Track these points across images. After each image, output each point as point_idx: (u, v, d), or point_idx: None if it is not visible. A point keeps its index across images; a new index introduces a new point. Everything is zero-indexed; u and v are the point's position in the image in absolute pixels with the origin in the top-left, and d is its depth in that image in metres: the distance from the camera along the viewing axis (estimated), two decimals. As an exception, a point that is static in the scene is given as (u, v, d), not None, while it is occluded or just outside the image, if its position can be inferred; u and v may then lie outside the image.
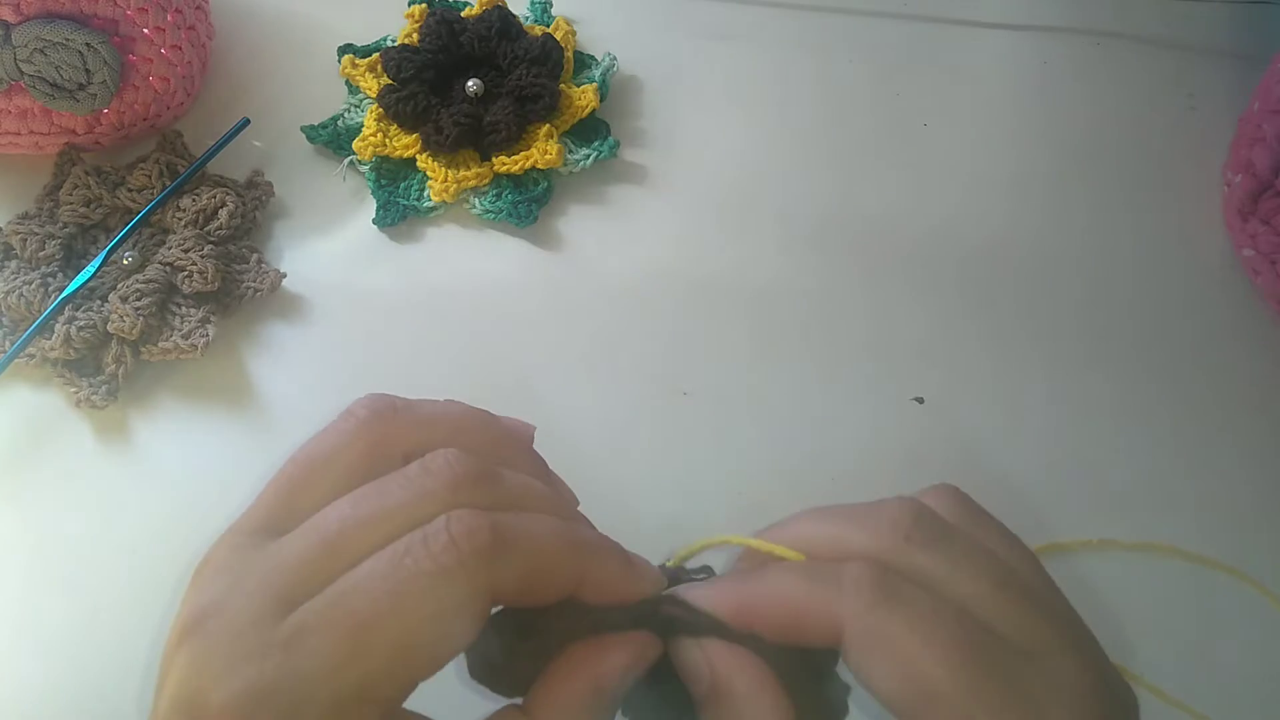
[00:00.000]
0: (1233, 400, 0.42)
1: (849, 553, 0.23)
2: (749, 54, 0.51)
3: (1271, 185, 0.43)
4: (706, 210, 0.46)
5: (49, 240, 0.42)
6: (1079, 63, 0.51)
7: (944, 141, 0.48)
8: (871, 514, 0.24)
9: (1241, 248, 0.44)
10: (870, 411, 0.41)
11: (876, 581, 0.22)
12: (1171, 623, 0.37)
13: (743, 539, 0.24)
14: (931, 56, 0.51)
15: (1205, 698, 0.35)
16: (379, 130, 0.46)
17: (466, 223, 0.46)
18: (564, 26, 0.49)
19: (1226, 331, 0.43)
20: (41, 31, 0.41)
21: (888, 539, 0.23)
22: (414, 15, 0.49)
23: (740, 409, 0.41)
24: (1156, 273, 0.45)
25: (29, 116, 0.44)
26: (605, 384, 0.42)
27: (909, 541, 0.23)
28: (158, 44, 0.45)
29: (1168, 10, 0.52)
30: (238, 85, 0.49)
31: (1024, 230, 0.46)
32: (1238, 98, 0.48)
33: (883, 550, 0.23)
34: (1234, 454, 0.40)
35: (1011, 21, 0.52)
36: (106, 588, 0.38)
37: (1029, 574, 0.24)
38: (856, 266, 0.45)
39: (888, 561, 0.22)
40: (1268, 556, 0.38)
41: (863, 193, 0.47)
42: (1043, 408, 0.42)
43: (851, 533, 0.23)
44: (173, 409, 0.41)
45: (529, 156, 0.45)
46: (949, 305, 0.44)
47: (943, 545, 0.23)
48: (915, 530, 0.23)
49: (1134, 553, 0.38)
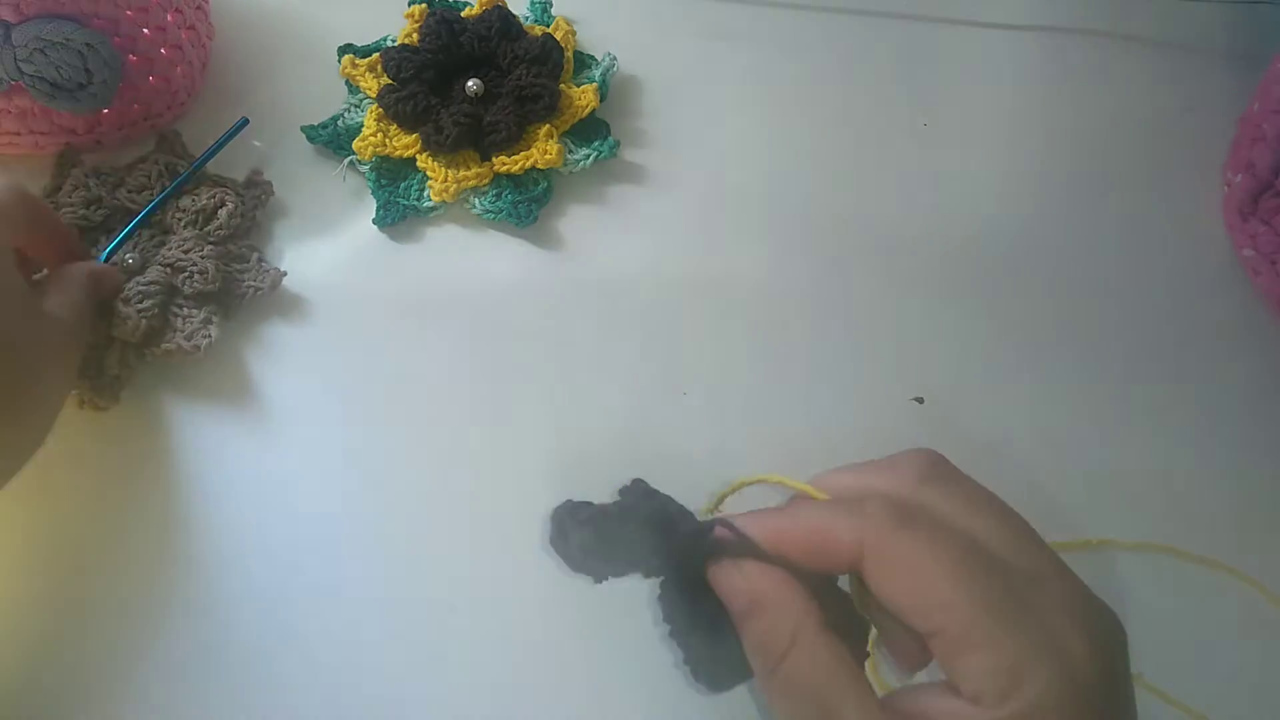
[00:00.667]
0: (1233, 400, 0.42)
1: (871, 494, 0.26)
2: (749, 54, 0.51)
3: (1272, 185, 0.43)
4: (707, 210, 0.46)
5: None
6: (1078, 63, 0.51)
7: (943, 141, 0.48)
8: (891, 462, 0.27)
9: (1242, 248, 0.44)
10: (870, 411, 0.41)
11: (894, 511, 0.25)
12: (1171, 623, 0.37)
13: (779, 477, 0.28)
14: (931, 56, 0.51)
15: (1205, 698, 0.35)
16: (379, 130, 0.46)
17: (466, 223, 0.46)
18: (564, 26, 0.49)
19: (1227, 331, 0.43)
20: (41, 31, 0.41)
21: (905, 481, 0.26)
22: (414, 15, 0.49)
23: (740, 409, 0.41)
24: (1156, 273, 0.45)
25: (29, 116, 0.44)
26: (605, 384, 0.42)
27: (923, 482, 0.26)
28: (158, 44, 0.45)
29: (1168, 11, 0.52)
30: (238, 85, 0.49)
31: (1023, 230, 0.46)
32: (1238, 98, 0.48)
33: (900, 489, 0.26)
34: (1234, 454, 0.41)
35: (1012, 22, 0.52)
36: (108, 589, 0.38)
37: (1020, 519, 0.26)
38: (856, 266, 0.45)
39: (904, 498, 0.25)
40: (1268, 556, 0.38)
41: (862, 193, 0.47)
42: (1042, 407, 0.42)
43: (872, 478, 0.27)
44: (174, 409, 0.41)
45: (529, 156, 0.45)
46: (948, 305, 0.44)
47: (952, 485, 0.26)
48: (929, 472, 0.26)
49: (1134, 553, 0.38)
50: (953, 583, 0.23)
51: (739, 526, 0.26)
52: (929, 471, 0.26)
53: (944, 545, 0.24)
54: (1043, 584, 0.24)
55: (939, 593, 0.23)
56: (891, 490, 0.26)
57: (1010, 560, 0.24)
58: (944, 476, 0.26)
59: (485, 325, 0.43)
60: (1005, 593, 0.23)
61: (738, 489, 0.30)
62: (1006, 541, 0.24)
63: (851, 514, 0.25)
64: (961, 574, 0.23)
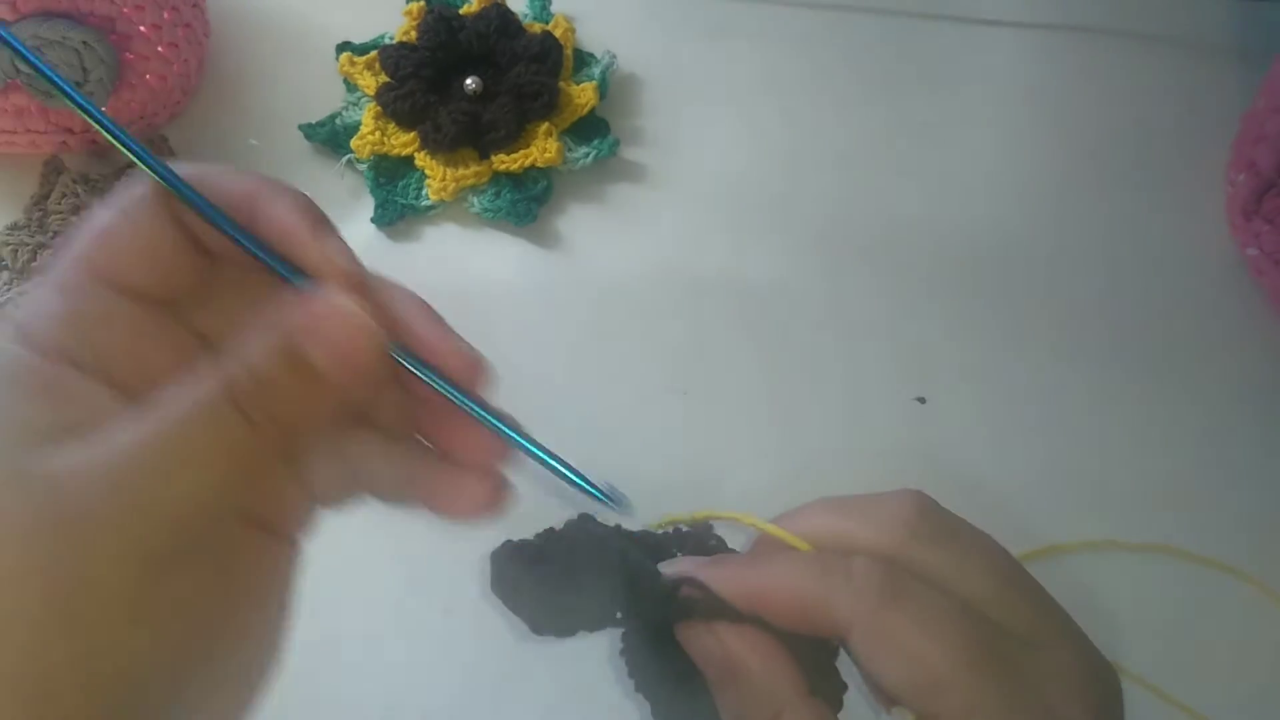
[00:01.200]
0: (1236, 400, 0.42)
1: (856, 547, 0.24)
2: (749, 52, 0.51)
3: (1275, 184, 0.42)
4: (706, 208, 0.46)
5: (40, 250, 0.42)
6: (1080, 61, 0.51)
7: (943, 141, 0.48)
8: (877, 508, 0.24)
9: (1245, 247, 0.44)
10: (870, 411, 0.41)
11: (883, 580, 0.22)
12: (1172, 623, 0.37)
13: (755, 520, 0.25)
14: (931, 55, 0.51)
15: (1205, 698, 0.35)
16: (377, 128, 0.46)
17: (465, 221, 0.46)
18: (563, 24, 0.49)
19: (1230, 331, 0.43)
20: (38, 29, 0.41)
21: (894, 535, 0.23)
22: (412, 13, 0.49)
23: (739, 408, 0.41)
24: (1159, 273, 0.45)
25: (25, 115, 0.44)
26: (604, 382, 0.42)
27: (915, 538, 0.23)
28: (154, 42, 0.44)
29: (1170, 9, 0.52)
30: (235, 83, 0.49)
31: (1024, 229, 0.46)
32: (1241, 96, 0.48)
33: (889, 546, 0.23)
34: (1236, 454, 0.40)
35: (1013, 20, 0.52)
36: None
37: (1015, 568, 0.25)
38: (856, 265, 0.45)
39: (894, 557, 0.23)
40: (1268, 556, 0.38)
41: (862, 192, 0.47)
42: (1044, 407, 0.41)
43: (858, 527, 0.24)
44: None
45: (528, 155, 0.45)
46: (949, 304, 0.44)
47: (946, 541, 0.24)
48: (921, 526, 0.24)
49: (1134, 553, 0.38)
50: (950, 663, 0.21)
51: (708, 582, 0.24)
52: (919, 524, 0.24)
53: (938, 620, 0.22)
54: (1041, 649, 0.23)
55: (934, 673, 0.21)
56: (878, 545, 0.23)
57: (1007, 622, 0.23)
58: (935, 530, 0.24)
59: (484, 324, 0.43)
60: (1003, 664, 0.22)
61: (706, 519, 0.27)
62: (1003, 601, 0.23)
63: (836, 580, 0.23)
64: (959, 650, 0.22)
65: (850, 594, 0.22)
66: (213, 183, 0.22)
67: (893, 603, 0.22)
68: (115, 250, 0.21)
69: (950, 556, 0.23)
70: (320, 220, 0.23)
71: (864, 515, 0.24)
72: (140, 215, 0.21)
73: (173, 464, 0.19)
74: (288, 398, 0.20)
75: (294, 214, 0.22)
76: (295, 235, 0.22)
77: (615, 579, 0.24)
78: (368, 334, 0.21)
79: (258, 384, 0.20)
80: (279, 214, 0.22)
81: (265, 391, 0.20)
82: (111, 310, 0.21)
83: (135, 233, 0.21)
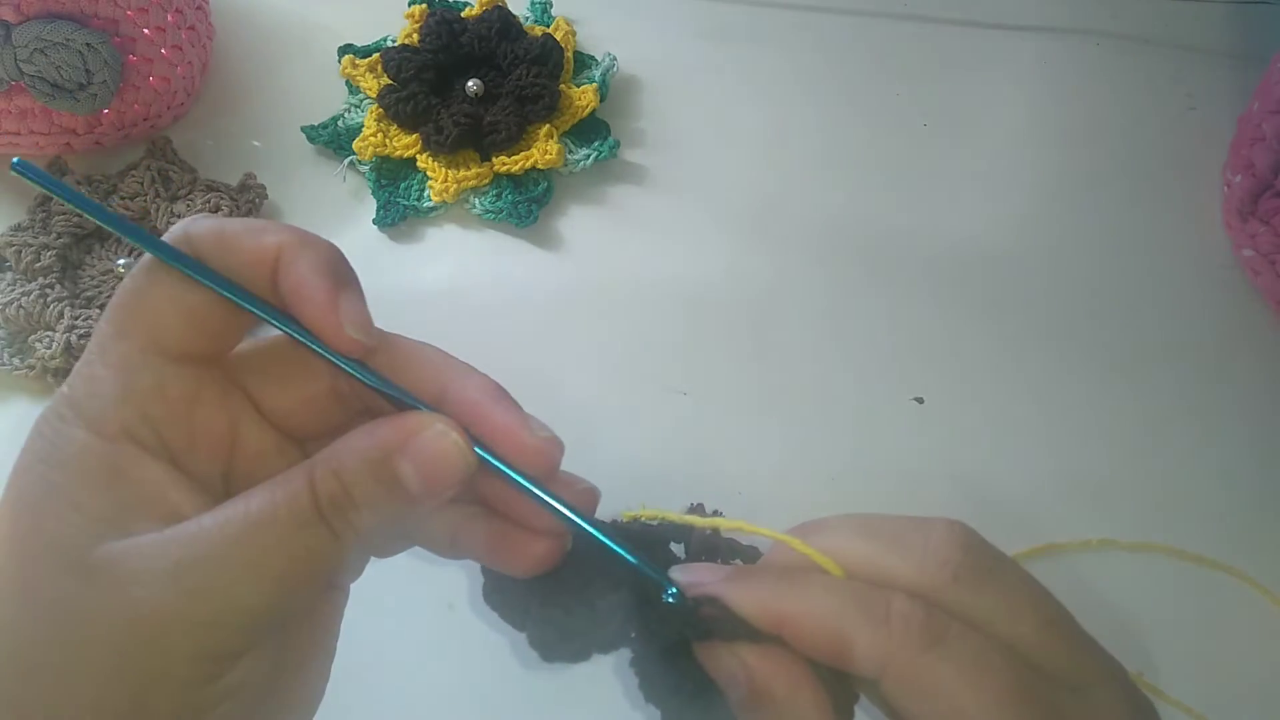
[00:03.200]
0: (1232, 400, 0.42)
1: (893, 582, 0.22)
2: (749, 54, 0.51)
3: (1271, 185, 0.43)
4: (706, 210, 0.46)
5: (44, 251, 0.42)
6: (1078, 63, 0.51)
7: (943, 142, 0.48)
8: (916, 538, 0.23)
9: (1241, 248, 0.44)
10: (870, 411, 0.41)
11: (925, 623, 0.21)
12: (1171, 623, 0.37)
13: (780, 535, 0.24)
14: (931, 57, 0.51)
15: (1205, 698, 0.35)
16: (379, 130, 0.46)
17: (467, 223, 0.46)
18: (564, 26, 0.49)
19: (1226, 331, 0.43)
20: (42, 31, 0.41)
21: (935, 576, 0.22)
22: (414, 15, 0.49)
23: (739, 409, 0.41)
24: (1156, 273, 0.45)
25: (29, 117, 0.44)
26: (605, 383, 0.42)
27: (958, 580, 0.22)
28: (158, 44, 0.45)
29: (1167, 11, 0.52)
30: (238, 85, 0.49)
31: (1023, 230, 0.46)
32: (1237, 98, 0.48)
33: (930, 587, 0.22)
34: (1234, 454, 0.40)
35: (1012, 22, 0.52)
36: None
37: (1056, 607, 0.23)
38: (856, 266, 0.45)
39: (934, 599, 0.22)
40: (1268, 556, 0.38)
41: (862, 193, 0.47)
42: (1042, 407, 0.42)
43: (896, 561, 0.22)
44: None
45: (529, 156, 0.45)
46: (948, 305, 0.44)
47: (989, 580, 0.22)
48: (964, 565, 0.22)
49: (1134, 553, 0.38)
50: (992, 716, 0.20)
51: (731, 603, 0.22)
52: (963, 564, 0.22)
53: (981, 668, 0.21)
54: (1083, 691, 0.22)
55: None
56: (919, 584, 0.22)
57: (1049, 665, 0.22)
58: (977, 569, 0.22)
59: (485, 324, 0.43)
60: (1047, 712, 0.21)
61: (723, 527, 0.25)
62: (1046, 644, 0.22)
63: (872, 617, 0.21)
64: (1002, 702, 0.20)
65: (887, 636, 0.21)
66: (233, 241, 0.22)
67: (934, 649, 0.21)
68: (154, 316, 0.22)
69: (993, 599, 0.22)
70: (341, 282, 0.23)
71: (903, 547, 0.23)
72: (168, 277, 0.22)
73: (251, 570, 0.20)
74: (375, 511, 0.21)
75: (315, 276, 0.22)
76: (312, 301, 0.22)
77: (626, 596, 0.23)
78: (460, 452, 0.22)
79: (348, 496, 0.20)
80: (299, 275, 0.22)
81: (354, 503, 0.21)
82: (163, 380, 0.22)
83: (169, 295, 0.22)
